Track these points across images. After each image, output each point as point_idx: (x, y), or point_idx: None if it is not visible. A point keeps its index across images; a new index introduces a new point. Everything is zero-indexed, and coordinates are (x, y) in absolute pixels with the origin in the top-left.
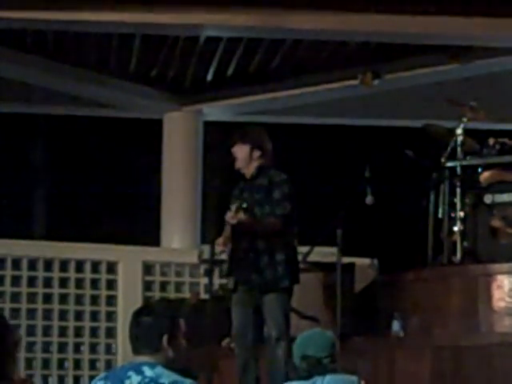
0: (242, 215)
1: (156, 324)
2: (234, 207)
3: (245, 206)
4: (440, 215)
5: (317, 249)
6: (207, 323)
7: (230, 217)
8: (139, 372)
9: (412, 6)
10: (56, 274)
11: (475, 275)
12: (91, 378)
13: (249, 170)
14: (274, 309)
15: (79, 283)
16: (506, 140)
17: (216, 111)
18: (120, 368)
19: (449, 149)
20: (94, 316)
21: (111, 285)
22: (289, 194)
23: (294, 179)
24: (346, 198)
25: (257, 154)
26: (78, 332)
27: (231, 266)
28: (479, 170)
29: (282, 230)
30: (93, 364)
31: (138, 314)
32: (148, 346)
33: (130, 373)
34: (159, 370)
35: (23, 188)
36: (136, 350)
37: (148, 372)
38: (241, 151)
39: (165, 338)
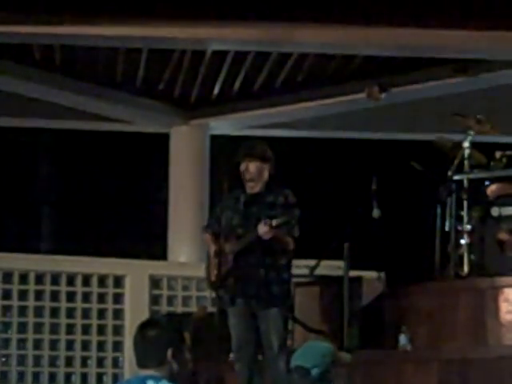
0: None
1: (161, 337)
2: (275, 222)
3: (291, 224)
4: (447, 228)
5: (324, 262)
6: (214, 337)
7: (266, 231)
8: None
9: (419, 19)
10: (63, 288)
11: (482, 288)
12: None
13: (257, 185)
14: (278, 322)
15: (86, 297)
16: None
17: (223, 125)
18: (125, 382)
19: (456, 162)
20: (101, 330)
21: (118, 299)
22: (299, 216)
23: (301, 193)
24: (353, 211)
25: (266, 166)
26: (85, 346)
27: (226, 279)
28: (486, 183)
29: (291, 250)
30: (100, 378)
31: (143, 328)
32: (152, 359)
33: None
34: (164, 383)
35: (30, 202)
36: (140, 364)
37: None
38: (253, 166)
39: (169, 352)
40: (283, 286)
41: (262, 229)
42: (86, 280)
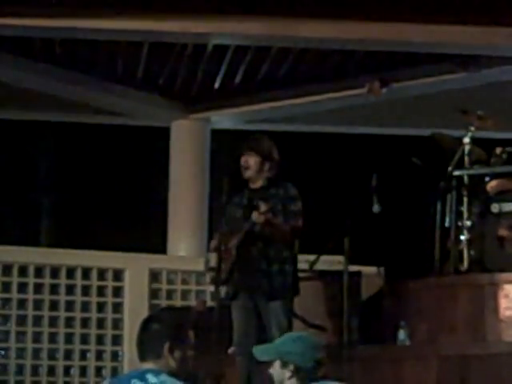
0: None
1: (160, 331)
2: (264, 206)
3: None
4: (447, 224)
5: (323, 257)
6: (213, 331)
7: (258, 215)
8: (143, 379)
9: (420, 14)
10: (62, 281)
11: (482, 284)
12: None
13: (258, 180)
14: (280, 315)
15: (86, 290)
16: None
17: (223, 119)
18: (124, 375)
19: (456, 158)
20: (101, 323)
21: (117, 292)
22: (301, 208)
23: (301, 187)
24: (353, 206)
25: (267, 165)
26: (84, 339)
27: (232, 273)
28: (486, 178)
29: (293, 241)
30: (99, 371)
31: (146, 321)
32: (150, 352)
33: (134, 380)
34: (163, 377)
35: (30, 195)
36: (141, 356)
37: (152, 379)
38: (252, 161)
39: (166, 346)
40: (286, 279)
41: (254, 215)
42: (86, 273)
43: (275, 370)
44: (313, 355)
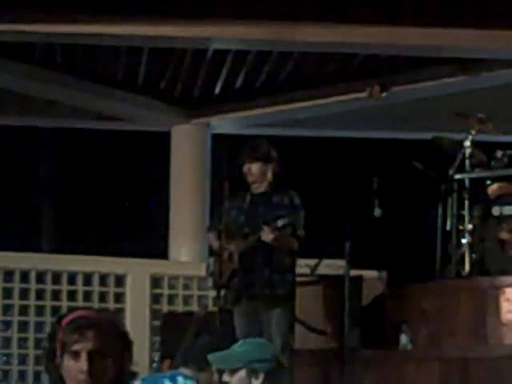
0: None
1: (211, 345)
2: (280, 223)
3: (293, 226)
4: (448, 227)
5: (325, 261)
6: (215, 336)
7: (269, 235)
8: (173, 380)
9: (420, 18)
10: (64, 287)
11: (483, 287)
12: None
13: (261, 185)
14: (282, 321)
15: (87, 296)
16: None
17: (224, 124)
18: (160, 374)
19: (457, 161)
20: None
21: (119, 298)
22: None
23: (302, 191)
24: (354, 210)
25: (270, 169)
26: None
27: (232, 278)
28: (487, 182)
29: (296, 251)
30: None
31: (198, 331)
32: (195, 363)
33: (165, 380)
34: (190, 382)
35: (31, 201)
36: (184, 362)
37: (180, 382)
38: (255, 168)
39: None
40: (287, 287)
41: (265, 233)
42: (87, 279)
43: (239, 378)
44: (277, 360)
